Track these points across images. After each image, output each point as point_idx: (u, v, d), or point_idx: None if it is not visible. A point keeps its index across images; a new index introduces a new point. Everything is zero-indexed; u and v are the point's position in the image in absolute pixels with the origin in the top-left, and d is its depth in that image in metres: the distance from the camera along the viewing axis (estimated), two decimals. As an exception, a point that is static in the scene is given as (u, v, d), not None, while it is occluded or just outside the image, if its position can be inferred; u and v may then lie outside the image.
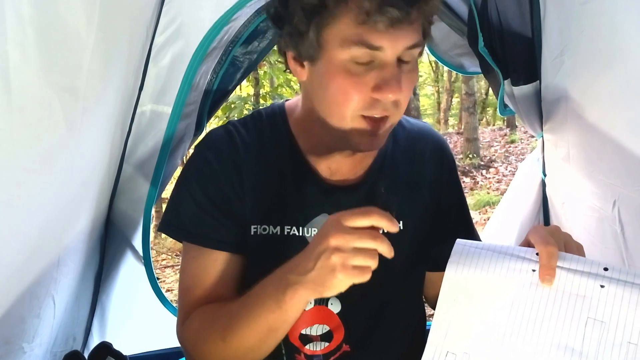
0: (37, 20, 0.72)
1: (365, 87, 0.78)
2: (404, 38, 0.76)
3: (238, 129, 0.94)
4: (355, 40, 0.75)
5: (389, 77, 0.77)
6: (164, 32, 1.26)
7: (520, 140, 9.59)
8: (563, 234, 0.75)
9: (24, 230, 0.84)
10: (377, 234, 0.71)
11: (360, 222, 0.71)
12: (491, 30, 1.28)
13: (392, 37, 0.75)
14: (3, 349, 0.90)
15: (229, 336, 0.80)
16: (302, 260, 0.75)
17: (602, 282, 0.68)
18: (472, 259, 0.73)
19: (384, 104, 0.80)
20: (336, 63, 0.78)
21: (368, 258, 0.70)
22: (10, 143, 0.73)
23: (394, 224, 0.72)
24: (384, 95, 0.78)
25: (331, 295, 0.73)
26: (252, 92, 6.62)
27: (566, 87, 1.20)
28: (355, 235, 0.70)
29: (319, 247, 0.72)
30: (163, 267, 4.68)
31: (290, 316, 0.77)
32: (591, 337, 0.66)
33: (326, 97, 0.81)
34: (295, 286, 0.74)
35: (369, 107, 0.80)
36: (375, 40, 0.75)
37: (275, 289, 0.76)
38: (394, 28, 0.74)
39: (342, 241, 0.70)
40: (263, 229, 0.90)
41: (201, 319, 0.86)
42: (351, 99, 0.79)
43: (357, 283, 0.71)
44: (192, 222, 0.89)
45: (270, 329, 0.78)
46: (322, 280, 0.71)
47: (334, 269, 0.70)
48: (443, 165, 1.03)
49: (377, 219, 0.71)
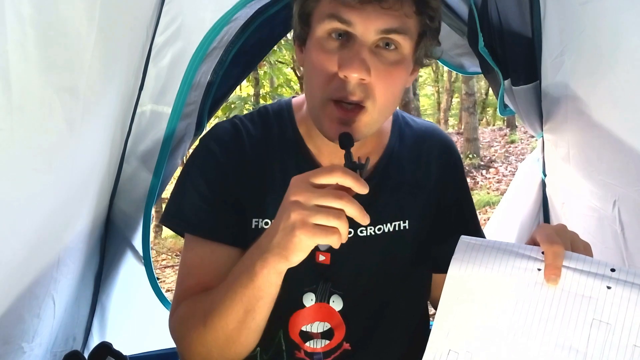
0: (37, 20, 0.72)
1: (333, 63, 0.79)
2: (377, 19, 0.77)
3: (244, 123, 0.95)
4: (329, 14, 0.78)
5: (353, 54, 0.77)
6: (164, 32, 1.26)
7: (520, 140, 9.59)
8: (569, 233, 0.75)
9: (23, 230, 0.84)
10: (342, 193, 0.67)
11: (324, 179, 0.69)
12: (491, 30, 1.28)
13: (362, 14, 0.76)
14: (3, 349, 0.90)
15: (208, 320, 0.78)
16: (270, 228, 0.73)
17: (609, 283, 0.68)
18: (477, 256, 0.73)
19: (352, 86, 0.78)
20: (315, 39, 0.81)
21: (332, 217, 0.66)
22: (10, 143, 0.73)
23: (362, 184, 0.68)
24: (345, 71, 0.77)
25: (298, 260, 0.70)
26: (252, 92, 6.62)
27: (566, 87, 1.20)
28: (317, 192, 0.67)
29: (282, 207, 0.70)
30: (163, 267, 4.68)
31: (265, 292, 0.74)
32: (596, 338, 0.66)
33: (305, 77, 0.84)
34: (264, 255, 0.71)
35: (337, 87, 0.79)
36: (345, 14, 0.77)
37: (247, 263, 0.75)
38: (362, 5, 0.76)
39: (302, 197, 0.67)
40: (265, 222, 0.90)
41: (187, 307, 0.86)
42: (319, 75, 0.80)
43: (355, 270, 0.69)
44: (195, 214, 0.89)
45: (246, 310, 0.75)
46: (285, 242, 0.68)
47: (293, 227, 0.67)
48: (449, 166, 1.03)
49: (341, 175, 0.68)
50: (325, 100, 0.80)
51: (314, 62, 0.80)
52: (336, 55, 0.78)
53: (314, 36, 0.81)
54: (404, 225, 0.95)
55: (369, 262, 0.94)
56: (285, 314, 0.90)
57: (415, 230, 0.96)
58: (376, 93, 0.80)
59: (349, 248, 0.74)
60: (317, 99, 0.81)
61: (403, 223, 0.95)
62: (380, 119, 0.85)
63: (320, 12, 0.80)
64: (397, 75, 0.82)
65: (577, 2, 1.07)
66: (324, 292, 0.91)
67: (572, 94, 1.18)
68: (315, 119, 0.84)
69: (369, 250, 0.93)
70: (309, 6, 0.82)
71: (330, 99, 0.80)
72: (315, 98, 0.82)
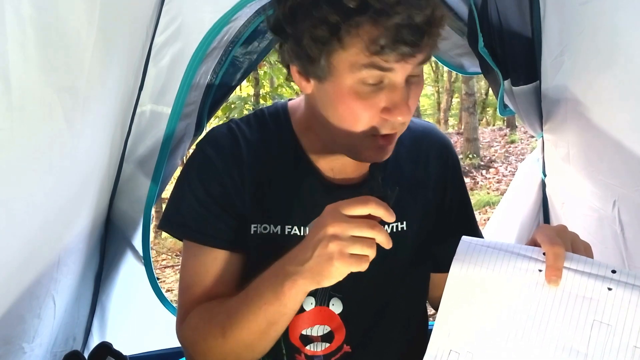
0: (37, 20, 0.72)
1: (375, 108, 0.79)
2: (414, 61, 0.77)
3: (240, 127, 0.94)
4: (366, 64, 0.75)
5: (398, 100, 0.78)
6: (164, 32, 1.26)
7: (520, 140, 9.59)
8: (570, 234, 0.75)
9: (24, 230, 0.84)
10: (374, 223, 0.71)
11: (358, 211, 0.71)
12: (491, 31, 1.28)
13: (402, 63, 0.76)
14: (3, 349, 0.90)
15: (228, 331, 0.80)
16: (300, 251, 0.75)
17: (610, 284, 0.68)
18: (478, 257, 0.73)
19: (392, 123, 0.80)
20: (345, 85, 0.78)
21: (366, 247, 0.70)
22: (10, 143, 0.73)
23: (391, 214, 0.72)
24: (393, 117, 0.79)
25: (329, 284, 0.73)
26: (252, 92, 6.62)
27: (566, 87, 1.20)
28: (353, 223, 0.70)
29: (316, 236, 0.72)
30: (163, 267, 4.68)
31: (290, 308, 0.77)
32: (597, 340, 0.66)
33: (335, 116, 0.82)
34: (294, 277, 0.73)
35: (379, 126, 0.80)
36: (386, 64, 0.75)
37: (273, 281, 0.76)
38: (404, 60, 0.75)
39: (339, 229, 0.70)
40: (264, 227, 0.90)
41: (200, 316, 0.86)
42: (360, 120, 0.79)
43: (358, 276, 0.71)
44: (193, 219, 0.89)
45: (270, 323, 0.78)
46: (319, 269, 0.71)
47: (331, 257, 0.70)
48: (447, 165, 1.03)
49: (374, 207, 0.71)
50: (368, 135, 0.81)
51: (351, 107, 0.79)
52: (375, 99, 0.78)
53: (342, 82, 0.77)
54: (402, 226, 0.95)
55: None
56: None
57: (415, 231, 0.96)
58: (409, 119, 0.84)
59: None
60: (357, 135, 0.81)
61: (401, 224, 0.95)
62: None
63: (351, 61, 0.75)
64: (420, 93, 0.84)
65: (577, 2, 1.07)
66: (323, 296, 0.91)
67: (572, 94, 1.18)
68: (349, 149, 0.85)
69: None
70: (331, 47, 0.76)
71: (374, 134, 0.81)
72: (351, 134, 0.82)
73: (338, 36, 0.73)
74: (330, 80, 0.79)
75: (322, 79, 0.79)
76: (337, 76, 0.77)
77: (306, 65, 0.79)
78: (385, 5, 0.71)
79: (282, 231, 0.90)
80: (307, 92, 0.85)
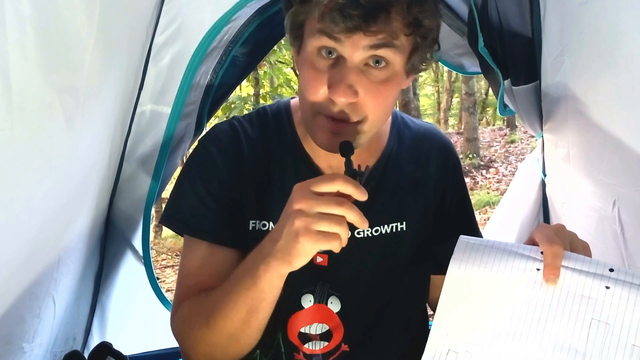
0: (37, 20, 0.72)
1: (323, 82, 0.79)
2: (365, 39, 0.76)
3: (242, 124, 0.95)
4: (319, 29, 0.78)
5: (340, 79, 0.78)
6: (164, 32, 1.26)
7: (520, 140, 9.59)
8: (568, 233, 0.75)
9: (24, 230, 0.84)
10: (343, 200, 0.70)
11: (325, 187, 0.71)
12: (491, 30, 1.28)
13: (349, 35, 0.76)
14: (3, 349, 0.90)
15: (212, 321, 0.80)
16: (273, 232, 0.75)
17: (608, 283, 0.68)
18: (476, 256, 0.73)
19: (340, 106, 0.79)
20: (307, 53, 0.81)
21: (334, 223, 0.69)
22: (10, 143, 0.73)
23: (361, 192, 0.71)
24: (333, 95, 0.78)
25: (300, 264, 0.72)
26: (252, 92, 6.62)
27: (566, 87, 1.20)
28: (320, 200, 0.69)
29: (285, 214, 0.72)
30: (163, 267, 4.68)
31: (268, 294, 0.76)
32: (595, 338, 0.66)
33: (299, 87, 0.85)
34: (267, 259, 0.73)
35: (327, 104, 0.80)
36: (333, 33, 0.77)
37: (250, 265, 0.77)
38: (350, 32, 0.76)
39: (305, 205, 0.69)
40: (262, 224, 0.90)
41: (189, 307, 0.87)
42: (309, 91, 0.81)
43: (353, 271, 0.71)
44: (193, 215, 0.90)
45: (250, 310, 0.77)
46: (288, 248, 0.71)
47: (297, 234, 0.69)
48: (448, 166, 1.03)
49: (341, 184, 0.70)
50: (315, 112, 0.82)
51: (305, 78, 0.81)
52: (326, 74, 0.79)
53: (305, 50, 0.82)
54: (401, 226, 0.95)
55: (366, 263, 0.94)
56: (284, 316, 0.91)
57: (414, 231, 0.96)
58: (367, 110, 0.81)
59: (346, 250, 0.74)
60: (308, 111, 0.83)
61: (401, 224, 0.95)
62: (374, 129, 0.86)
63: (310, 26, 0.80)
64: (388, 92, 0.82)
65: (577, 2, 1.07)
66: (322, 294, 0.92)
67: (572, 93, 1.18)
68: (307, 127, 0.87)
69: (367, 251, 0.93)
70: (300, 18, 0.82)
71: (320, 112, 0.81)
72: (306, 110, 0.84)
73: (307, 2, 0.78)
74: (302, 49, 0.84)
75: (300, 50, 0.85)
76: (305, 45, 0.82)
77: (291, 39, 0.86)
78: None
79: None
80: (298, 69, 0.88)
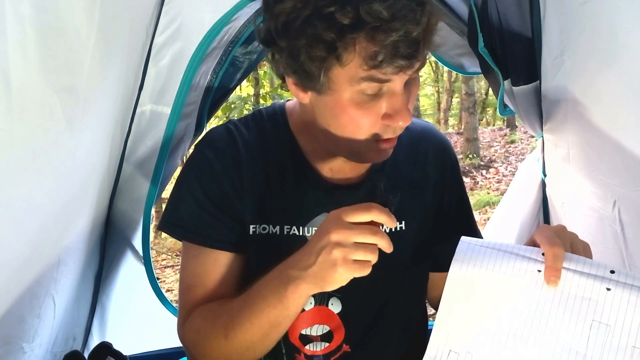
0: (37, 20, 0.72)
1: (376, 115, 0.79)
2: (412, 70, 0.77)
3: (239, 127, 0.94)
4: (365, 77, 0.75)
5: (399, 106, 0.78)
6: (164, 32, 1.26)
7: (520, 140, 9.59)
8: (569, 234, 0.75)
9: (24, 230, 0.84)
10: (377, 229, 0.72)
11: (361, 218, 0.72)
12: (491, 31, 1.28)
13: (401, 74, 0.76)
14: (3, 349, 0.90)
15: (231, 333, 0.81)
16: (303, 256, 0.76)
17: (609, 285, 0.68)
18: (477, 257, 0.73)
19: (394, 128, 0.81)
20: (345, 97, 0.77)
21: (368, 252, 0.71)
22: (10, 143, 0.73)
23: (393, 220, 0.73)
24: (395, 122, 0.79)
25: (332, 289, 0.74)
26: (252, 92, 6.62)
27: (566, 87, 1.20)
28: (356, 230, 0.71)
29: (320, 242, 0.73)
30: (163, 267, 4.68)
31: (292, 311, 0.78)
32: (595, 340, 0.66)
33: (336, 125, 0.82)
34: (297, 281, 0.75)
35: (381, 132, 0.81)
36: (384, 77, 0.75)
37: (276, 284, 0.77)
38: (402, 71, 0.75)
39: (343, 236, 0.71)
40: (262, 228, 0.90)
41: (203, 317, 0.86)
42: (362, 128, 0.80)
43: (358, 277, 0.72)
44: (192, 221, 0.89)
45: (272, 325, 0.79)
46: (323, 275, 0.73)
47: (335, 263, 0.71)
48: (446, 166, 1.03)
49: (377, 214, 0.72)
50: (371, 140, 0.82)
51: (352, 117, 0.79)
52: (375, 107, 0.78)
53: (342, 94, 0.77)
54: (400, 226, 0.95)
55: None
56: None
57: (413, 231, 0.96)
58: None
59: None
60: (361, 140, 0.82)
61: (400, 224, 0.95)
62: None
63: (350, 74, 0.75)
64: (417, 92, 0.84)
65: (577, 2, 1.07)
66: (322, 295, 0.92)
67: (572, 94, 1.18)
68: (352, 152, 0.86)
69: None
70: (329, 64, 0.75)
71: (378, 139, 0.82)
72: (353, 140, 0.82)
73: (336, 54, 0.73)
74: (329, 94, 0.78)
75: (320, 92, 0.79)
76: (336, 90, 0.77)
77: (303, 79, 0.79)
78: (381, 22, 0.70)
79: (282, 231, 0.90)
80: (305, 102, 0.84)
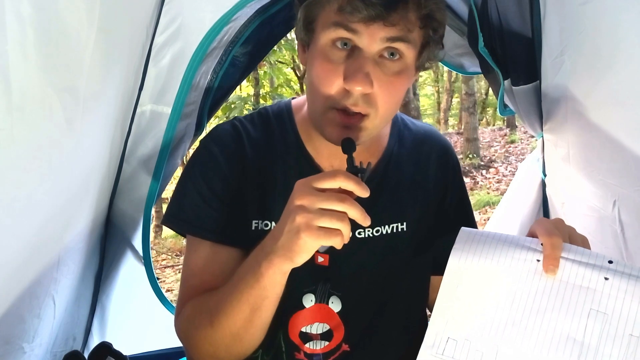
0: (37, 20, 0.72)
1: (338, 74, 0.79)
2: (382, 29, 0.77)
3: (244, 124, 0.95)
4: (335, 22, 0.78)
5: (357, 68, 0.78)
6: (164, 32, 1.26)
7: (520, 140, 9.59)
8: (567, 227, 0.76)
9: (24, 230, 0.84)
10: (345, 196, 0.70)
11: (327, 184, 0.71)
12: (491, 30, 1.28)
13: (367, 25, 0.77)
14: (3, 349, 0.90)
15: (215, 320, 0.80)
16: (274, 229, 0.75)
17: (607, 274, 0.69)
18: (477, 247, 0.73)
19: (355, 97, 0.80)
20: (319, 46, 0.81)
21: (335, 219, 0.69)
22: (10, 143, 0.73)
23: (363, 188, 0.71)
24: (350, 85, 0.78)
25: (302, 260, 0.72)
26: (252, 92, 6.63)
27: (566, 87, 1.20)
28: (322, 196, 0.69)
29: (286, 211, 0.72)
30: (163, 267, 4.69)
31: (270, 292, 0.76)
32: (593, 328, 0.67)
33: (309, 81, 0.84)
34: (270, 256, 0.73)
35: (341, 97, 0.80)
36: (351, 24, 0.77)
37: (252, 263, 0.77)
38: (370, 22, 0.77)
39: (306, 201, 0.69)
40: (265, 224, 0.91)
41: (193, 307, 0.87)
42: (323, 84, 0.80)
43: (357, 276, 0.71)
44: (196, 215, 0.90)
45: (253, 308, 0.77)
46: (290, 244, 0.71)
47: (298, 230, 0.69)
48: (447, 167, 1.03)
49: (343, 180, 0.70)
50: (328, 107, 0.82)
51: (318, 71, 0.81)
52: (341, 66, 0.79)
53: (318, 43, 0.81)
54: (401, 227, 0.95)
55: (367, 263, 0.94)
56: (285, 315, 0.91)
57: (414, 232, 0.96)
58: (378, 102, 0.81)
59: (347, 250, 0.74)
60: (320, 106, 0.82)
61: (401, 225, 0.95)
62: (382, 124, 0.87)
63: (325, 19, 0.80)
64: (400, 85, 0.83)
65: (577, 2, 1.07)
66: (323, 293, 0.92)
67: (572, 94, 1.18)
68: (317, 123, 0.86)
69: (367, 251, 0.94)
70: (314, 12, 0.82)
71: (333, 107, 0.81)
72: (317, 104, 0.83)
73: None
74: (312, 43, 0.83)
75: (308, 44, 0.84)
76: (316, 38, 0.82)
77: (302, 34, 0.85)
78: None
79: None
80: (304, 65, 0.88)
